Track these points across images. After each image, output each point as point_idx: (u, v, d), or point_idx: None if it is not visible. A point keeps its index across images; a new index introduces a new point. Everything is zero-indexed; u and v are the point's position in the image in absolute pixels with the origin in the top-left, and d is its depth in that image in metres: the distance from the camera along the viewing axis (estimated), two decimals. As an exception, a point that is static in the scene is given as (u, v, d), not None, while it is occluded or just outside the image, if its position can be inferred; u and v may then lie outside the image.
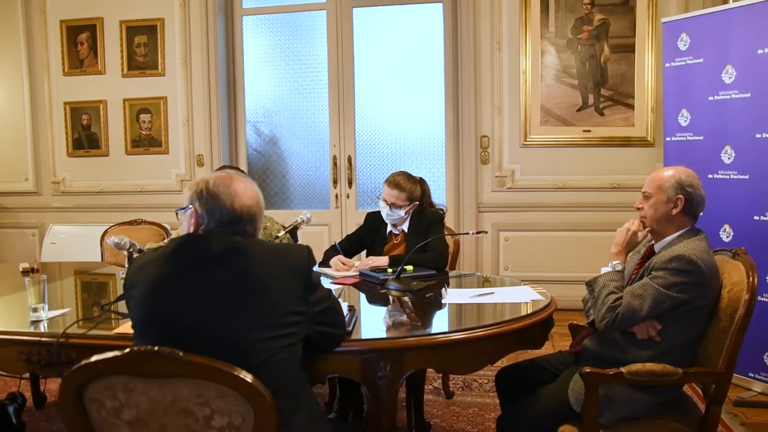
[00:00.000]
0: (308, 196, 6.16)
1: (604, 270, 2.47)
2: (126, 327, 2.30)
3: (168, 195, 6.14)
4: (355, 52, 5.94)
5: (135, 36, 6.11)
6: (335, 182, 6.02)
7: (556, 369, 2.65)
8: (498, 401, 3.63)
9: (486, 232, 3.31)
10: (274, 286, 1.68)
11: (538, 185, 5.61)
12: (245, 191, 1.80)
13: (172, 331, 1.64)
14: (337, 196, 6.01)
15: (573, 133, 5.51)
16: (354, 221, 5.91)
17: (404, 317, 2.60)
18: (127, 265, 3.38)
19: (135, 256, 2.85)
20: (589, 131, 5.48)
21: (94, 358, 1.47)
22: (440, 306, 2.69)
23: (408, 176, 3.45)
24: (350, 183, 5.99)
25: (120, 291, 3.15)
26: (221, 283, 1.66)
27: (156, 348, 1.41)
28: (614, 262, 2.47)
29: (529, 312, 2.46)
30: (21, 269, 3.57)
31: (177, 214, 1.92)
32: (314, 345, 1.88)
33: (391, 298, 2.84)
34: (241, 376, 1.41)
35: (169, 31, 6.05)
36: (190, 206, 1.80)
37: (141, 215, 4.65)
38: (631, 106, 5.39)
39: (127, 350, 1.44)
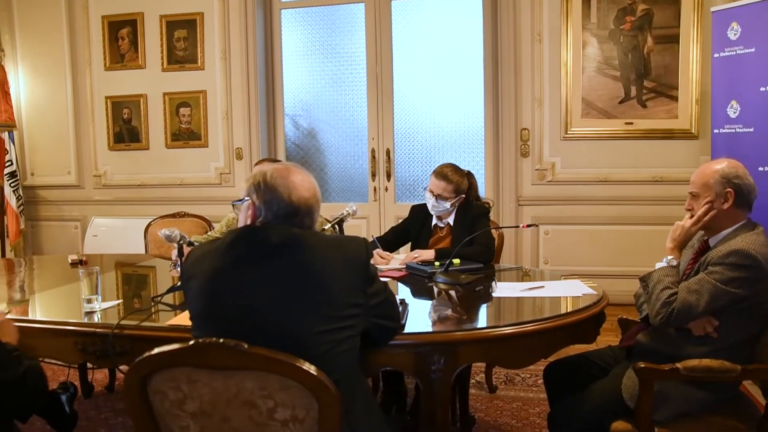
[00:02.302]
0: (346, 189, 6.16)
1: (659, 265, 2.42)
2: (179, 319, 2.32)
3: (207, 188, 6.20)
4: (394, 45, 5.91)
5: (175, 30, 6.16)
6: (373, 175, 6.01)
7: (606, 364, 2.61)
8: (542, 396, 3.66)
9: (537, 225, 3.25)
10: (333, 279, 1.67)
11: (579, 178, 5.54)
12: (302, 183, 1.79)
13: (232, 323, 1.64)
14: (375, 189, 6.01)
15: (615, 126, 5.43)
16: (392, 214, 5.91)
17: (454, 311, 2.58)
18: (174, 257, 3.42)
19: (185, 248, 2.87)
20: (631, 123, 5.39)
21: (158, 350, 1.48)
22: (489, 299, 2.66)
23: (456, 168, 3.41)
24: (388, 176, 5.98)
25: (168, 283, 3.21)
26: (281, 275, 1.65)
27: (221, 340, 1.42)
28: (669, 257, 2.41)
29: (582, 306, 2.41)
30: (70, 261, 3.64)
31: (233, 205, 1.92)
32: (370, 338, 1.87)
33: (436, 291, 2.83)
34: (306, 368, 1.40)
35: (208, 25, 6.08)
36: (247, 198, 1.80)
37: (181, 208, 4.70)
38: (675, 98, 5.29)
39: (192, 342, 1.45)
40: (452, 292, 2.77)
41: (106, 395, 3.88)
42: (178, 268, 3.18)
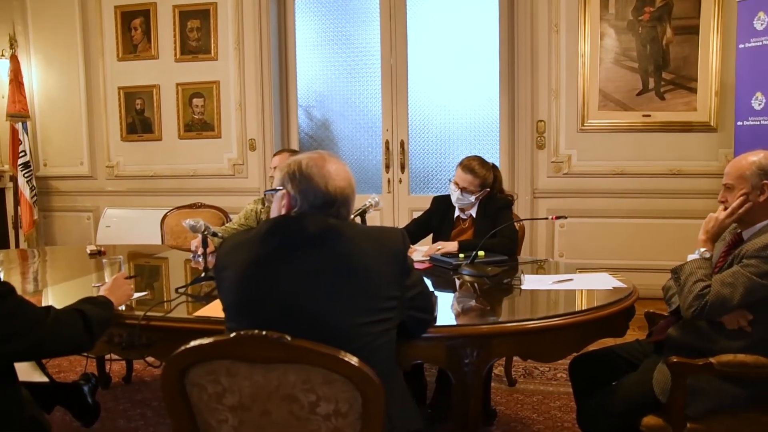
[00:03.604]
0: (360, 180, 6.06)
1: (691, 257, 2.38)
2: (208, 310, 2.30)
3: (220, 179, 6.18)
4: (409, 35, 5.86)
5: (188, 21, 6.13)
6: (387, 167, 5.97)
7: (634, 358, 2.58)
8: (562, 390, 3.65)
9: (566, 218, 3.21)
10: (372, 270, 1.64)
11: (596, 171, 5.50)
12: (338, 173, 1.76)
13: (268, 314, 1.61)
14: (389, 181, 5.97)
15: (632, 118, 5.38)
16: (406, 206, 5.88)
17: (483, 304, 2.55)
18: (194, 248, 3.40)
19: (209, 238, 2.84)
20: (649, 116, 5.35)
21: (196, 342, 1.45)
22: (518, 292, 2.62)
23: (482, 162, 3.38)
24: (402, 168, 5.94)
25: (190, 274, 3.19)
26: (319, 266, 1.62)
27: (263, 332, 1.38)
28: (701, 249, 2.37)
29: (614, 300, 2.38)
30: (89, 251, 3.61)
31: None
32: (405, 330, 1.84)
33: (457, 283, 2.80)
34: (352, 361, 1.37)
35: (221, 15, 6.04)
36: (281, 188, 1.77)
37: (193, 200, 4.70)
38: (694, 90, 5.24)
39: (233, 334, 1.42)
40: (477, 285, 2.73)
41: (123, 386, 3.87)
42: (200, 259, 3.16)
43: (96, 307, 2.05)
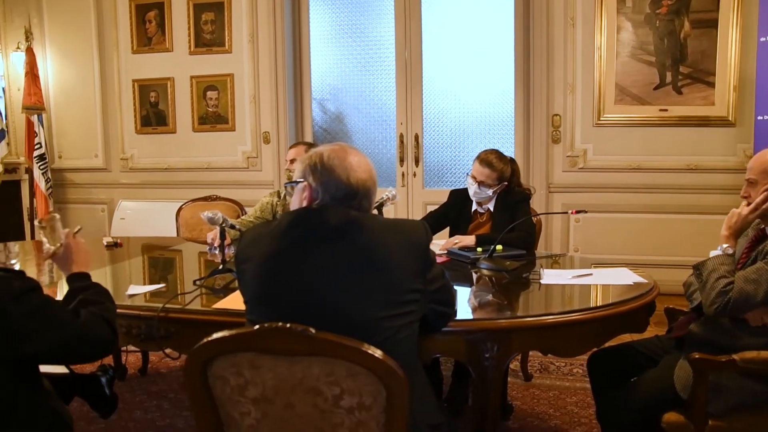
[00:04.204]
0: (374, 174, 6.09)
1: (713, 253, 2.35)
2: (226, 302, 2.30)
3: (234, 172, 6.18)
4: (424, 28, 5.83)
5: (202, 13, 6.12)
6: (402, 160, 5.95)
7: (653, 354, 2.55)
8: (578, 385, 3.64)
9: (586, 212, 3.19)
10: (395, 263, 1.63)
11: (611, 166, 5.47)
12: (360, 165, 1.75)
13: (291, 307, 1.60)
14: (403, 175, 5.95)
15: (649, 112, 5.34)
16: (420, 200, 5.86)
17: (502, 298, 2.53)
18: (210, 240, 3.40)
19: (227, 231, 2.84)
20: (665, 110, 5.30)
21: (220, 334, 1.44)
22: (537, 286, 2.60)
23: (500, 155, 3.36)
24: (417, 161, 5.92)
25: (206, 266, 3.19)
26: (341, 259, 1.61)
27: (288, 325, 1.37)
28: (724, 245, 2.34)
29: (635, 295, 2.36)
30: (105, 243, 3.62)
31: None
32: (426, 324, 1.83)
33: (474, 277, 2.78)
34: (377, 354, 1.36)
35: (236, 8, 6.03)
36: (302, 180, 1.76)
37: (207, 192, 4.68)
38: (712, 84, 5.19)
39: (257, 326, 1.41)
40: (496, 279, 2.71)
41: (139, 378, 3.88)
42: (216, 251, 3.16)
43: (104, 300, 2.00)
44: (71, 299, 1.97)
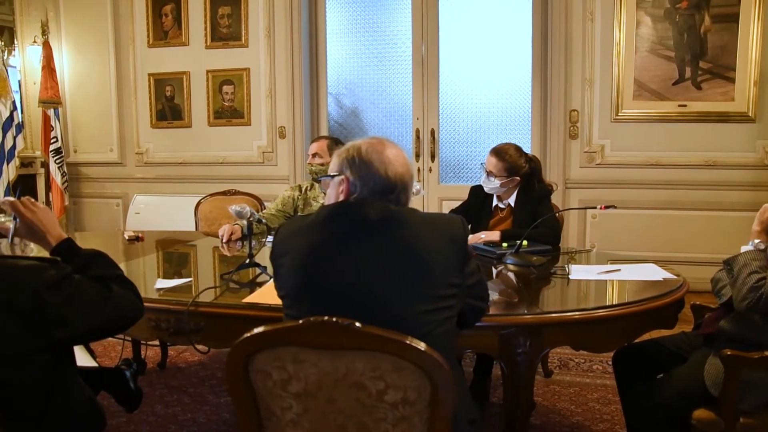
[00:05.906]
0: (390, 169, 6.08)
1: (744, 248, 2.33)
2: (257, 296, 2.29)
3: (250, 167, 6.18)
4: (440, 23, 5.81)
5: (219, 7, 6.11)
6: (417, 156, 5.94)
7: (681, 350, 2.54)
8: (599, 382, 3.63)
9: (615, 207, 3.17)
10: (434, 257, 1.62)
11: (629, 161, 5.44)
12: (397, 158, 1.74)
13: (331, 301, 1.59)
14: (419, 170, 5.94)
15: (667, 108, 5.31)
16: (436, 195, 5.85)
17: (529, 293, 2.52)
18: (220, 234, 3.40)
19: (254, 225, 2.84)
20: (684, 106, 5.27)
21: (263, 328, 1.44)
22: (566, 282, 2.59)
23: (515, 149, 3.32)
24: (433, 157, 5.91)
25: (232, 261, 3.18)
26: (382, 253, 1.60)
27: (333, 318, 1.37)
28: (756, 241, 2.32)
29: (665, 291, 2.35)
30: (127, 237, 3.62)
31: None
32: (462, 319, 1.82)
33: (495, 272, 2.77)
34: (424, 349, 1.35)
35: (252, 2, 6.02)
36: (337, 173, 1.75)
37: (223, 187, 4.70)
38: (732, 80, 5.15)
39: (302, 320, 1.40)
40: (523, 274, 2.70)
41: (158, 372, 3.89)
42: (238, 245, 3.16)
43: (117, 269, 1.93)
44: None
